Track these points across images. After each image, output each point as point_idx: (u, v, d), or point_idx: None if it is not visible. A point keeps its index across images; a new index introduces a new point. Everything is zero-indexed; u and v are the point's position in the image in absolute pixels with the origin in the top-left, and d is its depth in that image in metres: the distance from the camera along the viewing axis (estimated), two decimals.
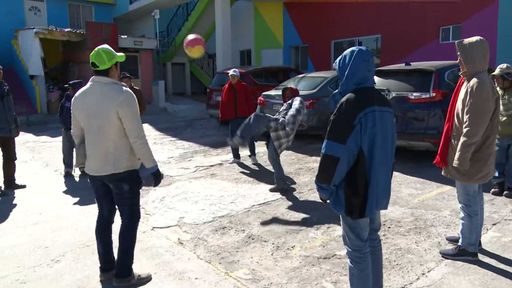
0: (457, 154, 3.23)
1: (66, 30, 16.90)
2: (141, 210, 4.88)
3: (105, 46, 3.06)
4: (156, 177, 3.17)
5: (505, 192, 5.03)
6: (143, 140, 3.02)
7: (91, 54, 3.02)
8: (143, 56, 18.38)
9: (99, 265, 3.27)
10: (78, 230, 4.30)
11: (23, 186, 5.96)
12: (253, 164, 7.20)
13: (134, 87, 7.67)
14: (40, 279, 3.27)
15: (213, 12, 16.82)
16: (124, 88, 3.00)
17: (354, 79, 2.38)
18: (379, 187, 2.37)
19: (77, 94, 3.11)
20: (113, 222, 3.30)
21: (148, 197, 5.45)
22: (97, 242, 3.25)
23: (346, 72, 2.41)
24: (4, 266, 3.50)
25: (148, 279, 3.24)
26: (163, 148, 9.05)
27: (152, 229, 4.33)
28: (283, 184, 5.60)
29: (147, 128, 11.27)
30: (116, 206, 3.21)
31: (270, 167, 6.93)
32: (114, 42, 16.60)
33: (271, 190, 5.57)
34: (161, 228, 4.36)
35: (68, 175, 6.61)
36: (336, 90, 2.50)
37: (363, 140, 2.29)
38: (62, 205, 5.20)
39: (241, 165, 7.19)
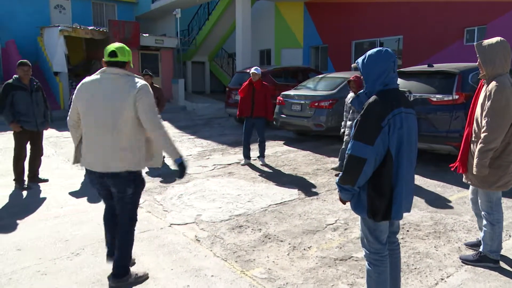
0: (475, 160, 3.15)
1: (90, 28, 17.21)
2: (159, 207, 4.97)
3: (123, 44, 3.09)
4: (181, 169, 2.97)
5: None
6: (163, 130, 2.87)
7: (110, 45, 2.98)
8: (164, 54, 18.58)
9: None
10: (98, 224, 4.37)
11: (46, 180, 6.10)
12: (261, 165, 7.16)
13: (155, 85, 7.78)
14: (60, 271, 3.34)
15: (233, 12, 16.88)
16: (140, 80, 2.93)
17: (380, 80, 2.35)
18: (404, 189, 2.34)
19: (83, 84, 2.98)
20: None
21: (167, 194, 5.50)
22: (105, 230, 3.27)
23: (372, 73, 2.37)
24: (26, 257, 3.59)
25: (145, 277, 3.20)
26: (182, 146, 9.12)
27: (170, 226, 4.37)
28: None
29: (167, 126, 11.34)
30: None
31: (283, 168, 6.92)
32: (136, 41, 16.84)
33: (333, 169, 6.57)
34: (178, 225, 4.40)
35: None
36: (361, 91, 2.48)
37: (391, 142, 2.26)
38: (83, 199, 5.30)
39: (257, 165, 7.19)
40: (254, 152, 7.50)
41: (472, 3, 11.60)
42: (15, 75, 5.73)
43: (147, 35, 18.14)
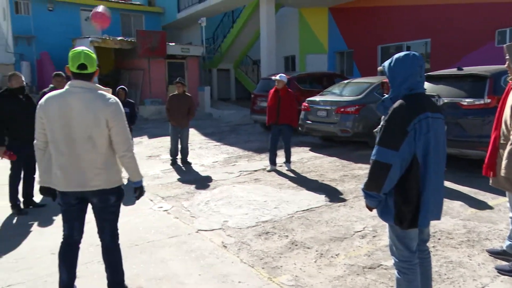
0: (504, 162, 3.06)
1: (119, 38, 17.71)
2: (187, 213, 5.03)
3: (86, 48, 2.81)
4: (140, 191, 2.97)
5: None
6: (132, 153, 2.79)
7: (75, 54, 2.68)
8: (190, 62, 18.87)
9: (141, 268, 3.33)
10: (128, 229, 4.46)
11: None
12: (287, 171, 7.15)
13: (186, 93, 7.94)
14: (92, 275, 3.43)
15: (258, 19, 17.00)
16: (112, 97, 2.74)
17: (406, 84, 2.32)
18: (432, 196, 2.29)
19: (47, 99, 2.70)
20: (80, 243, 3.02)
21: (194, 200, 5.56)
22: (61, 269, 2.91)
23: (398, 77, 2.35)
24: (57, 262, 3.69)
25: None
26: (208, 153, 9.22)
27: (197, 232, 4.41)
28: None
29: (193, 133, 11.53)
30: (96, 224, 2.94)
31: (309, 174, 6.88)
32: (162, 50, 17.20)
33: None
34: (205, 230, 4.44)
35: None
36: (386, 96, 2.45)
37: (417, 147, 2.22)
38: None
39: (283, 171, 7.17)
40: (280, 158, 7.50)
41: (504, 4, 11.26)
42: (51, 85, 5.99)
43: (173, 44, 18.48)
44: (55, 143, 2.70)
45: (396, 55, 2.41)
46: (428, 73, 6.92)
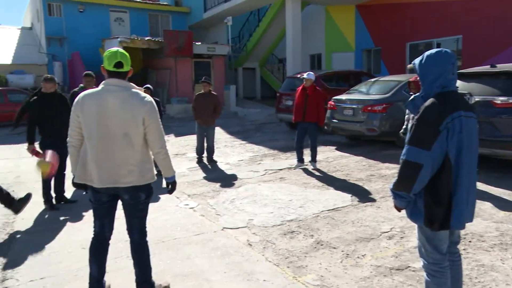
0: None
1: (146, 38, 18.03)
2: (212, 211, 5.08)
3: (121, 49, 2.87)
4: (173, 186, 3.04)
5: None
6: (166, 150, 2.87)
7: (111, 53, 2.76)
8: (216, 61, 19.01)
9: (168, 264, 3.37)
10: (155, 226, 4.53)
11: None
12: (314, 170, 7.10)
13: (212, 92, 8.02)
14: (121, 269, 3.51)
15: (283, 17, 16.94)
16: (147, 96, 2.81)
17: (438, 82, 2.26)
18: (465, 197, 2.23)
19: (83, 97, 2.77)
20: (110, 239, 3.09)
21: (219, 198, 5.60)
22: (92, 264, 2.99)
23: (429, 75, 2.29)
24: (88, 257, 3.80)
25: (168, 287, 3.17)
26: (234, 151, 9.26)
27: (223, 229, 4.44)
28: None
29: (219, 131, 11.61)
30: (126, 221, 2.99)
31: (335, 174, 6.81)
32: (189, 49, 17.39)
33: None
34: (231, 228, 4.47)
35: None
36: (416, 94, 2.40)
37: (450, 147, 2.17)
38: None
39: (309, 170, 7.13)
40: (306, 157, 7.45)
41: None
42: (81, 84, 6.17)
43: (199, 43, 18.66)
44: (91, 140, 2.75)
45: (428, 52, 2.35)
46: (460, 71, 6.73)
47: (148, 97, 2.81)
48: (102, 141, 2.73)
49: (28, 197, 4.93)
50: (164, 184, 3.11)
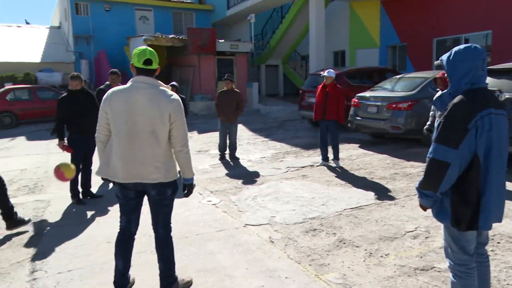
0: None
1: (170, 36, 18.23)
2: (234, 207, 5.10)
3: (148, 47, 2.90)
4: (189, 189, 3.02)
5: None
6: (188, 149, 2.88)
7: (140, 50, 2.81)
8: (239, 59, 19.05)
9: (190, 259, 3.41)
10: (178, 221, 4.59)
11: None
12: (336, 168, 7.03)
13: (235, 89, 8.05)
14: (144, 263, 3.57)
15: (307, 14, 16.82)
16: (173, 93, 2.84)
17: (467, 78, 2.20)
18: (494, 197, 2.16)
19: (112, 93, 2.81)
20: (135, 234, 3.15)
21: (241, 195, 5.63)
22: (117, 258, 3.04)
23: (458, 71, 2.23)
24: (114, 250, 3.88)
25: (191, 282, 3.19)
26: (256, 148, 9.28)
27: (245, 226, 4.46)
28: None
29: (241, 128, 11.65)
30: (152, 216, 3.03)
31: (358, 172, 6.73)
32: (212, 46, 17.49)
33: None
34: (253, 225, 4.48)
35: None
36: (444, 91, 2.34)
37: (479, 145, 2.10)
38: None
39: (332, 168, 7.08)
40: (329, 155, 7.39)
41: None
42: (107, 82, 6.31)
43: (222, 40, 18.74)
44: (119, 137, 2.79)
45: (456, 48, 2.28)
46: (489, 67, 6.53)
47: (175, 95, 2.84)
48: (130, 137, 2.76)
49: (26, 222, 4.59)
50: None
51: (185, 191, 3.03)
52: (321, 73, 7.71)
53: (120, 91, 2.81)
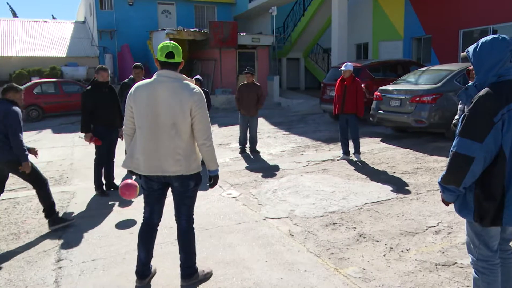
0: None
1: (192, 30, 18.33)
2: (254, 200, 5.13)
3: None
4: (215, 180, 3.06)
5: None
6: (211, 142, 2.91)
7: (163, 45, 2.87)
8: (260, 52, 19.00)
9: (210, 251, 3.45)
10: (198, 214, 4.60)
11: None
12: (357, 162, 6.95)
13: (256, 82, 8.06)
14: (165, 254, 3.64)
15: (329, 6, 16.60)
16: (196, 87, 2.88)
17: (494, 71, 2.13)
18: None
19: (136, 87, 2.91)
20: (158, 225, 3.21)
21: (261, 188, 5.64)
22: (140, 248, 3.11)
23: (484, 63, 2.16)
24: (136, 241, 3.97)
25: (211, 273, 3.24)
26: (276, 142, 9.27)
27: (264, 219, 4.48)
28: None
29: (262, 122, 11.65)
30: (175, 208, 3.09)
31: (380, 166, 6.64)
32: (234, 40, 17.49)
33: None
34: (272, 218, 4.49)
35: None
36: (470, 83, 2.27)
37: (505, 139, 2.04)
38: None
39: (352, 162, 7.01)
40: (351, 149, 7.33)
41: None
42: (130, 76, 6.41)
43: (244, 34, 18.71)
44: (141, 129, 2.87)
45: (483, 39, 2.21)
46: None
47: (197, 88, 2.88)
48: (152, 130, 2.82)
49: (70, 221, 4.52)
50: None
51: (211, 182, 3.08)
52: (339, 68, 7.61)
53: (143, 85, 2.88)
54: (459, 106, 5.71)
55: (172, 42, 2.93)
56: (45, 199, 4.36)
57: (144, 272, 3.16)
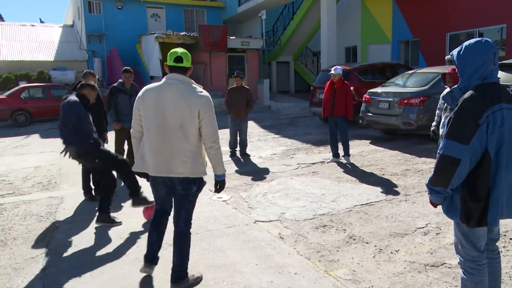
0: None
1: (182, 33, 18.29)
2: (245, 204, 5.12)
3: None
4: (221, 185, 3.11)
5: None
6: (219, 145, 2.96)
7: (173, 51, 2.97)
8: (250, 55, 19.05)
9: (201, 255, 3.44)
10: (201, 217, 4.63)
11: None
12: (347, 164, 7.00)
13: (245, 86, 8.06)
14: (160, 257, 3.60)
15: (318, 10, 16.71)
16: (203, 91, 2.95)
17: (478, 73, 2.16)
18: (504, 193, 2.14)
19: (145, 90, 2.99)
20: (169, 214, 3.31)
21: (252, 192, 5.64)
22: (151, 233, 3.23)
23: (469, 66, 2.19)
24: (126, 246, 3.94)
25: (201, 277, 3.24)
26: (267, 145, 9.28)
27: (255, 222, 4.48)
28: None
29: (252, 125, 11.66)
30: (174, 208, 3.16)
31: (369, 168, 6.68)
32: (223, 43, 17.51)
33: None
34: (263, 222, 4.49)
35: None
36: (455, 86, 2.31)
37: (490, 141, 2.07)
38: None
39: (342, 164, 7.05)
40: (341, 151, 7.36)
41: None
42: (120, 80, 6.37)
43: (233, 37, 18.74)
44: (149, 131, 2.94)
45: (467, 42, 2.25)
46: (503, 61, 6.43)
47: (205, 92, 2.96)
48: (159, 131, 2.90)
49: (150, 202, 4.52)
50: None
51: (217, 187, 3.12)
52: (329, 72, 7.64)
53: (152, 88, 2.97)
54: (437, 112, 5.51)
55: (181, 48, 3.02)
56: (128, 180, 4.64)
57: (153, 255, 3.25)
